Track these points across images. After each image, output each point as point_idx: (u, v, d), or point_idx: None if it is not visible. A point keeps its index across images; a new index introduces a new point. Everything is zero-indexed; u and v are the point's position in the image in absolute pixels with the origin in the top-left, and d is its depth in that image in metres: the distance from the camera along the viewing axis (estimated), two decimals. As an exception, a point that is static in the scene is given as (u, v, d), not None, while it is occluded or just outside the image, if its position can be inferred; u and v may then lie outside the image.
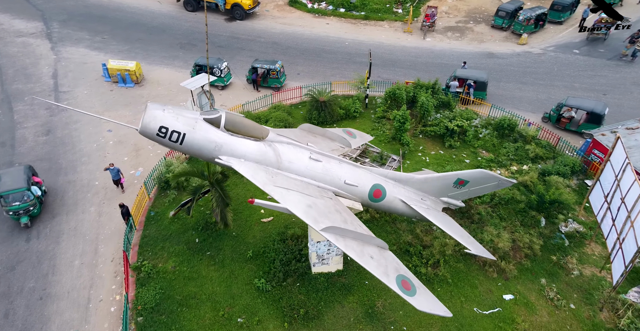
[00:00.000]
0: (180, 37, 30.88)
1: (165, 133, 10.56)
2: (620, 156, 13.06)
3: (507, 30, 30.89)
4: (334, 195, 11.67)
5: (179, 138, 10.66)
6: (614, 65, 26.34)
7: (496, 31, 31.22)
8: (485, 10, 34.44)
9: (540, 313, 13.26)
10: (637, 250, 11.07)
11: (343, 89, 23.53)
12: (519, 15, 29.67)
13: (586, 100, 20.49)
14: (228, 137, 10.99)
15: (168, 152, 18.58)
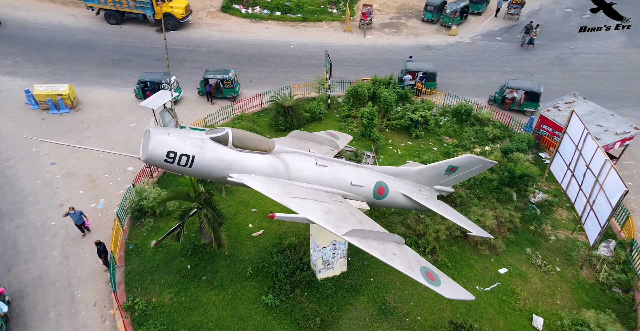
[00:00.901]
0: (110, 53, 28.33)
1: (173, 158, 9.80)
2: (578, 128, 14.30)
3: (437, 23, 32.59)
4: (342, 198, 11.38)
5: (188, 161, 9.95)
6: (532, 49, 28.94)
7: (427, 25, 32.79)
8: (413, 5, 36.02)
9: (534, 281, 14.12)
10: (612, 209, 12.19)
11: (303, 92, 23.16)
12: (446, 8, 31.43)
13: (524, 81, 22.24)
14: (237, 154, 10.43)
15: (135, 178, 16.89)
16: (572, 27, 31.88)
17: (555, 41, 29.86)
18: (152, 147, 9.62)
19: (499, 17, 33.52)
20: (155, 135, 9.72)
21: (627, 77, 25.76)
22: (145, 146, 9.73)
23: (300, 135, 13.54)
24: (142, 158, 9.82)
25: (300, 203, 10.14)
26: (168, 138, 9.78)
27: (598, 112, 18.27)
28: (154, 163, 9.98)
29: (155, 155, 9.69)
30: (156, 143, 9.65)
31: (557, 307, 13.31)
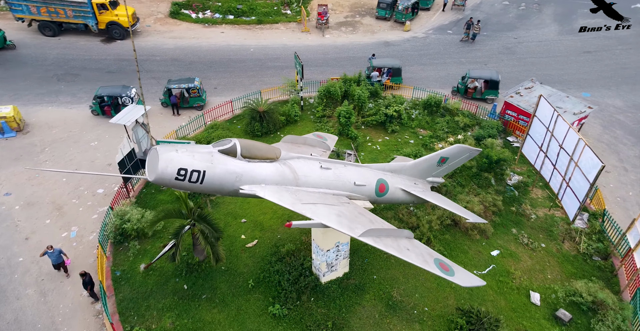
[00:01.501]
0: (52, 68, 26.08)
1: (184, 175, 9.36)
2: (547, 111, 15.12)
3: (391, 20, 33.24)
4: (348, 199, 11.17)
5: (199, 177, 9.53)
6: (480, 40, 30.37)
7: (381, 22, 33.36)
8: (365, 4, 36.49)
9: (524, 259, 14.76)
10: (590, 185, 12.99)
11: (274, 96, 22.60)
12: (398, 5, 32.14)
13: (484, 70, 23.23)
14: (247, 165, 10.09)
15: (112, 200, 15.53)
16: (511, 18, 33.89)
17: (499, 32, 31.56)
18: (162, 166, 9.12)
19: (446, 11, 34.87)
20: (164, 154, 9.24)
21: (566, 62, 27.77)
22: (152, 166, 9.22)
23: (293, 139, 13.24)
24: (152, 179, 9.26)
25: (313, 209, 9.93)
26: (177, 155, 9.31)
27: (555, 95, 19.50)
28: (163, 182, 9.43)
29: (165, 174, 9.21)
30: (166, 162, 9.17)
31: (549, 281, 14.01)
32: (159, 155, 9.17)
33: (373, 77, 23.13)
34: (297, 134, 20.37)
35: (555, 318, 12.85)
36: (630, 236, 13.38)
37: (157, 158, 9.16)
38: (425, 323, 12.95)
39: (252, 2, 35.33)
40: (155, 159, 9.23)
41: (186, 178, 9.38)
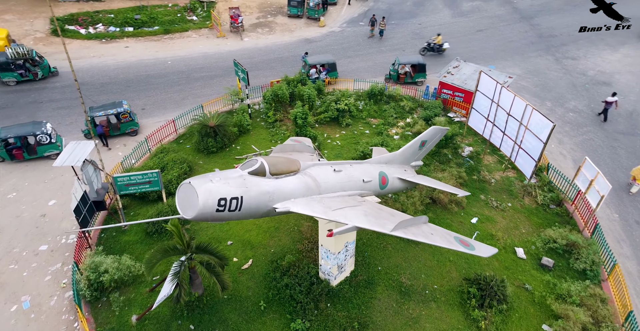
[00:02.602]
0: None
1: (224, 205, 8.88)
2: (490, 84, 16.45)
3: (303, 17, 33.14)
4: (360, 197, 10.92)
5: (238, 204, 8.98)
6: (391, 29, 31.95)
7: (295, 20, 33.09)
8: (272, 3, 35.82)
9: (499, 220, 16.00)
10: (544, 144, 14.51)
11: (217, 107, 20.91)
12: (309, 2, 32.15)
13: (411, 56, 24.44)
14: (276, 182, 9.65)
15: (75, 255, 12.88)
16: (410, 6, 36.14)
17: (404, 19, 33.56)
18: (203, 199, 8.53)
19: (352, 5, 35.95)
20: (201, 186, 8.69)
21: (467, 40, 30.64)
22: (188, 202, 8.66)
23: (282, 148, 12.64)
24: (190, 217, 8.66)
25: (343, 214, 9.76)
26: (214, 186, 8.79)
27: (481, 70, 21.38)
28: (204, 217, 8.73)
29: (207, 207, 8.66)
30: (206, 194, 8.61)
31: (525, 235, 15.42)
32: (195, 189, 8.54)
33: (312, 74, 22.83)
34: (252, 143, 19.26)
35: (542, 267, 14.21)
36: (579, 181, 15.35)
37: (195, 192, 8.54)
38: (440, 300, 13.31)
39: (151, 10, 32.32)
40: (190, 194, 8.60)
41: (226, 207, 8.78)
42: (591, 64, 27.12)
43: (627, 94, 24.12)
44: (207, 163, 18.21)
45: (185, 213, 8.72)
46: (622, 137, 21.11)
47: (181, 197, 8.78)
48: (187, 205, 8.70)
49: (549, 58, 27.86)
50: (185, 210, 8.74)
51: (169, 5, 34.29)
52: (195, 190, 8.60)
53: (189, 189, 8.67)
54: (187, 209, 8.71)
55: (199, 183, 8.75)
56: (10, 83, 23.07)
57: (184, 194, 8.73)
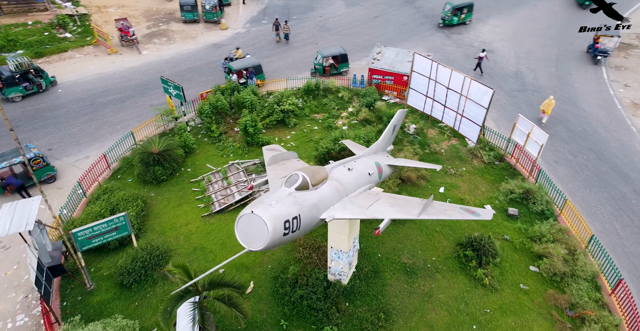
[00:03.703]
0: None
1: (289, 227, 8.59)
2: (425, 64, 17.43)
3: (200, 21, 30.93)
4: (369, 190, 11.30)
5: (297, 223, 8.85)
6: (295, 24, 31.76)
7: (192, 25, 30.75)
8: (159, 9, 32.69)
9: (461, 185, 17.27)
10: (486, 109, 15.97)
11: (148, 131, 18.25)
12: (204, 5, 30.07)
13: (331, 48, 24.55)
14: (317, 193, 9.62)
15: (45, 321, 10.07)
16: (300, 1, 36.38)
17: (305, 14, 33.64)
18: (272, 226, 8.12)
19: (248, 3, 34.70)
20: (265, 213, 8.24)
21: (368, 27, 31.98)
22: (254, 233, 8.21)
23: (274, 160, 11.96)
24: (261, 247, 8.21)
25: (377, 210, 9.92)
26: (276, 210, 8.44)
27: (401, 53, 22.57)
28: (272, 245, 8.41)
29: (276, 233, 8.25)
30: (273, 221, 8.23)
31: (486, 193, 16.93)
32: (261, 217, 8.14)
33: (234, 80, 21.43)
34: (202, 162, 17.48)
35: (509, 217, 15.81)
36: (516, 136, 17.36)
37: (261, 221, 8.15)
38: (442, 270, 13.92)
39: (6, 31, 26.82)
40: (255, 224, 8.17)
41: (290, 229, 8.55)
42: (473, 36, 30.71)
43: (508, 58, 27.97)
44: (160, 194, 15.95)
45: (252, 246, 8.17)
46: (518, 94, 24.48)
47: (243, 230, 8.23)
48: (254, 237, 8.19)
49: (440, 35, 30.73)
50: (251, 243, 8.19)
51: (29, 23, 28.80)
52: (261, 218, 8.13)
53: (252, 219, 8.14)
54: (254, 240, 8.19)
55: (261, 210, 8.28)
56: (17, 99, 20.03)
57: (246, 226, 8.19)
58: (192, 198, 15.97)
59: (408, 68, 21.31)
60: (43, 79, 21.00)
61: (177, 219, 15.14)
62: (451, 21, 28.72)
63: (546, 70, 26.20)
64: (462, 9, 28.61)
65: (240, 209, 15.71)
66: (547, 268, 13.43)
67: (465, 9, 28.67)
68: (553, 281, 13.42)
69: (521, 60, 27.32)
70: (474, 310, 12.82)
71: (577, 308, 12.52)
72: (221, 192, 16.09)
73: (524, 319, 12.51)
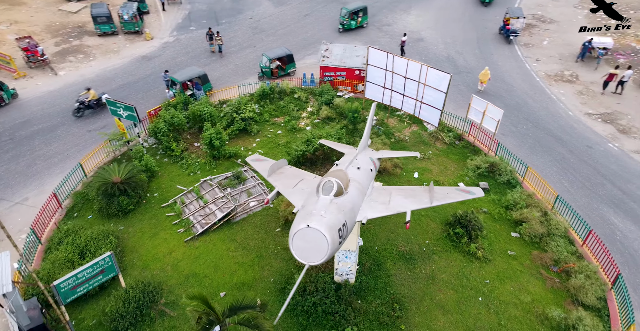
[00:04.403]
0: None
1: (342, 235, 8.67)
2: (380, 56, 17.71)
3: (119, 33, 28.16)
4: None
5: (345, 230, 8.94)
6: (226, 28, 30.42)
7: (110, 38, 27.96)
8: (64, 23, 29.27)
9: (432, 168, 17.94)
10: (445, 93, 16.72)
11: (98, 160, 16.07)
12: (122, 15, 27.43)
13: (276, 50, 23.84)
14: (350, 197, 9.70)
15: None
16: (229, 2, 34.97)
17: (233, 17, 32.32)
18: (330, 237, 8.12)
19: (168, 10, 32.34)
20: (321, 225, 8.16)
21: (301, 26, 31.58)
22: (312, 246, 8.10)
23: (273, 169, 11.57)
24: (321, 261, 8.16)
25: (397, 204, 10.22)
26: (329, 220, 8.43)
27: (348, 48, 22.71)
28: (331, 256, 8.41)
29: (334, 243, 8.29)
30: (330, 232, 8.22)
31: (456, 171, 17.82)
32: (319, 229, 8.04)
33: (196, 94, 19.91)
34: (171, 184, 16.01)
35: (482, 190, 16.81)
36: (472, 116, 18.48)
37: (319, 233, 8.05)
38: (438, 251, 14.40)
39: None
40: (313, 237, 8.08)
41: (342, 237, 8.65)
42: (401, 26, 32.11)
43: (437, 45, 29.75)
44: (130, 226, 14.24)
45: (312, 260, 8.07)
46: (455, 76, 26.05)
47: (300, 246, 8.12)
48: (313, 250, 8.10)
49: (372, 29, 31.62)
50: (310, 257, 8.11)
51: None
52: (319, 230, 8.04)
53: (309, 233, 8.03)
54: (313, 254, 8.11)
55: (317, 223, 8.15)
56: None
57: (303, 241, 8.08)
58: (168, 224, 14.51)
59: (358, 62, 21.58)
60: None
61: (158, 249, 13.67)
62: (350, 25, 28.32)
63: (472, 52, 28.34)
64: (358, 12, 28.22)
65: (224, 227, 14.69)
66: (527, 232, 14.57)
67: (360, 12, 28.30)
68: (534, 243, 14.62)
69: (448, 45, 29.20)
70: (475, 283, 13.47)
71: (560, 263, 13.80)
72: (199, 212, 14.84)
73: (520, 282, 13.46)
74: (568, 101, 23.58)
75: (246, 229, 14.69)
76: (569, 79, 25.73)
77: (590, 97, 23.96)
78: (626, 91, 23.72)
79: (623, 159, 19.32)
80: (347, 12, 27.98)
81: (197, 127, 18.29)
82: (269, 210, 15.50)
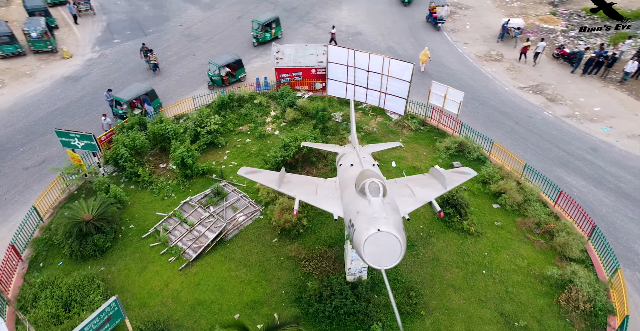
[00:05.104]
0: None
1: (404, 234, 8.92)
2: (340, 53, 17.62)
3: (28, 54, 24.69)
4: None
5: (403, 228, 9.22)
6: (156, 37, 28.23)
7: (18, 59, 24.60)
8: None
9: (406, 155, 18.38)
10: (409, 82, 17.16)
11: (52, 200, 13.82)
12: (28, 33, 24.01)
13: (224, 56, 22.56)
14: (390, 195, 9.66)
15: None
16: (150, 10, 32.46)
17: (160, 25, 30.09)
18: (402, 238, 8.23)
19: (81, 23, 29.03)
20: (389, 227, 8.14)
21: (238, 29, 30.19)
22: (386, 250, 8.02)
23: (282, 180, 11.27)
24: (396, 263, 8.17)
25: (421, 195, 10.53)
26: (393, 221, 8.46)
27: (299, 48, 22.25)
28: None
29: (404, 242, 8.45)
30: (400, 233, 8.34)
31: (429, 155, 18.45)
32: (390, 231, 7.97)
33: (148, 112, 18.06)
34: (144, 213, 14.39)
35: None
36: (433, 101, 19.23)
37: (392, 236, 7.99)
38: (434, 234, 14.86)
39: None
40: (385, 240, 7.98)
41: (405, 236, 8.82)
42: (337, 22, 32.43)
43: (375, 36, 30.49)
44: (112, 265, 12.70)
45: (385, 264, 7.98)
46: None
47: (372, 252, 7.95)
48: (385, 255, 8.01)
49: (309, 26, 31.55)
50: (383, 262, 7.99)
51: None
52: (391, 233, 7.98)
53: (381, 238, 7.92)
54: (387, 258, 8.00)
55: (386, 226, 8.06)
56: None
57: (375, 246, 7.91)
58: (155, 255, 13.07)
59: (313, 61, 21.31)
60: None
61: (152, 283, 12.28)
62: (264, 38, 26.43)
63: (408, 41, 29.61)
64: (270, 24, 26.40)
65: (218, 247, 13.64)
66: (508, 202, 15.63)
67: (273, 23, 26.54)
68: (515, 211, 15.73)
69: (385, 36, 30.18)
70: (475, 258, 14.13)
71: (541, 225, 15.03)
72: (187, 236, 13.55)
73: (513, 249, 14.40)
74: (501, 78, 25.71)
75: (242, 245, 13.81)
76: (497, 58, 28.05)
77: (517, 72, 26.37)
78: (542, 64, 26.50)
79: (559, 124, 21.60)
80: (260, 25, 26.02)
81: (159, 148, 16.66)
82: (260, 222, 14.72)
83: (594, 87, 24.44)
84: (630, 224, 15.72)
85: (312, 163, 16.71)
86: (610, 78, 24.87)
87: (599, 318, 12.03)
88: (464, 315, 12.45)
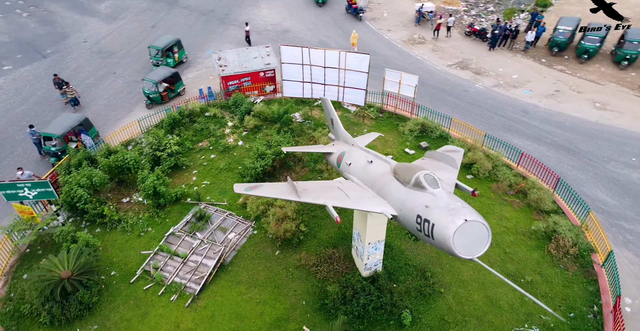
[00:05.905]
0: None
1: None
2: (295, 52, 17.07)
3: None
4: None
5: None
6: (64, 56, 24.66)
7: None
8: None
9: (375, 144, 18.61)
10: (367, 73, 17.28)
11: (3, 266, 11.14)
12: None
13: (159, 71, 20.51)
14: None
15: None
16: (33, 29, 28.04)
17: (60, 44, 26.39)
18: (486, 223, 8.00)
19: None
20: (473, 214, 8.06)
21: (153, 39, 27.77)
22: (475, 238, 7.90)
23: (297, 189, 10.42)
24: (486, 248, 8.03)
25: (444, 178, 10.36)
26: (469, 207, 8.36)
27: (241, 52, 21.03)
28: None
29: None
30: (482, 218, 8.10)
31: (396, 140, 18.92)
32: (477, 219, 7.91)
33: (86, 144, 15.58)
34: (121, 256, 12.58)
35: (425, 149, 18.39)
36: (388, 87, 19.63)
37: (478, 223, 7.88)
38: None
39: None
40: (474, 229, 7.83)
41: None
42: (262, 21, 31.48)
43: (304, 32, 30.30)
44: (105, 321, 11.12)
45: (476, 252, 7.86)
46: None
47: (462, 244, 7.77)
48: (475, 243, 7.88)
49: (234, 28, 30.09)
50: (475, 250, 7.86)
51: None
52: (477, 220, 7.84)
53: (469, 227, 7.78)
54: (477, 246, 7.88)
55: (469, 214, 7.98)
56: None
57: (463, 237, 7.74)
58: (153, 298, 11.50)
59: (259, 64, 20.39)
60: None
61: (160, 328, 10.82)
62: (167, 64, 22.79)
63: (336, 33, 29.95)
64: (172, 48, 22.99)
65: (219, 274, 12.46)
66: (480, 170, 16.76)
67: (174, 47, 23.13)
68: (487, 178, 16.94)
69: (313, 31, 30.15)
70: (469, 228, 14.93)
71: (513, 186, 16.41)
72: (183, 269, 12.10)
73: (497, 213, 15.52)
74: (430, 59, 27.38)
75: (245, 265, 12.84)
76: (420, 41, 29.78)
77: (442, 52, 28.32)
78: (457, 42, 28.72)
79: (491, 94, 23.74)
80: (159, 50, 22.48)
81: (116, 181, 14.53)
82: (255, 237, 13.83)
83: (506, 57, 27.24)
84: (574, 171, 17.94)
85: (290, 168, 16.07)
86: (515, 48, 27.94)
87: (585, 258, 13.57)
88: (477, 284, 13.11)
